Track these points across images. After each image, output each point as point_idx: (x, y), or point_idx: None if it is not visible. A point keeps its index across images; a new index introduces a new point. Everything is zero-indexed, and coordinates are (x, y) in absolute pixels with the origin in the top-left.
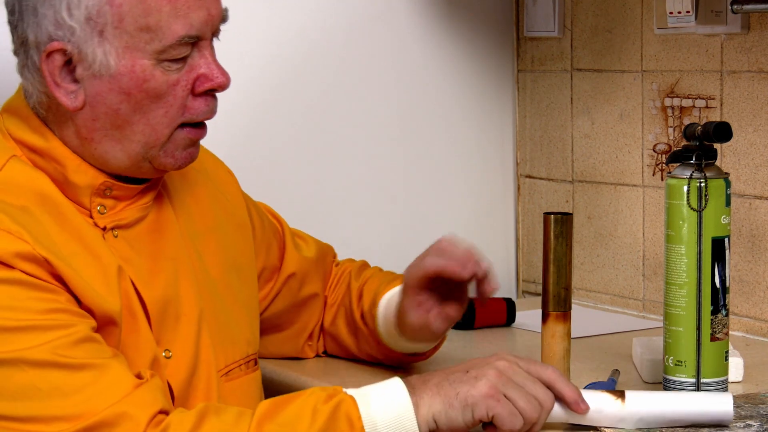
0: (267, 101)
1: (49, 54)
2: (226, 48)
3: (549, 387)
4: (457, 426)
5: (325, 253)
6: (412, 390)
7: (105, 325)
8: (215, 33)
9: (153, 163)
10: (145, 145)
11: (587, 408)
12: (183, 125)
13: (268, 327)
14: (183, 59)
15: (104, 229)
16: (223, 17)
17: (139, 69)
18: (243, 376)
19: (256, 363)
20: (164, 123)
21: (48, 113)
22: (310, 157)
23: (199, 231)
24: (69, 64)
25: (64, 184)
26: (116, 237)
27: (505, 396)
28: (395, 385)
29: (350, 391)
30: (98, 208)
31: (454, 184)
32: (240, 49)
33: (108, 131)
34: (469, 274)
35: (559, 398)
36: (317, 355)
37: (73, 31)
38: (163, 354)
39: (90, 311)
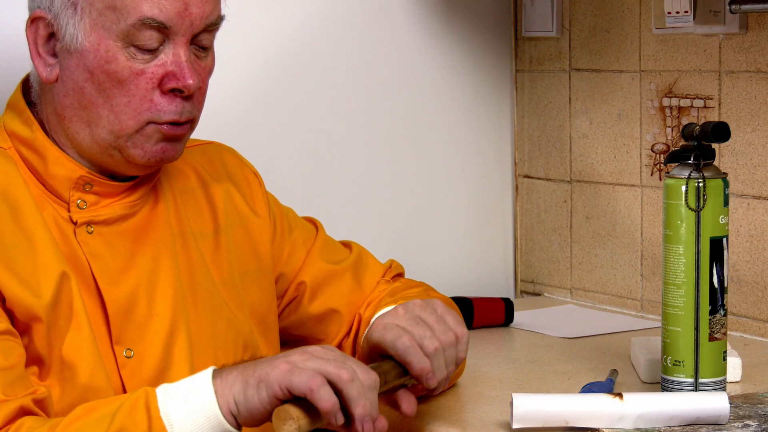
0: (264, 101)
1: (33, 20)
2: (226, 46)
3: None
4: (254, 407)
5: (365, 268)
6: (218, 374)
7: (30, 321)
8: (196, 34)
9: (122, 153)
10: (111, 133)
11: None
12: (152, 123)
13: (289, 339)
14: (153, 51)
15: (75, 224)
16: (211, 22)
17: (104, 48)
18: None
19: None
20: (128, 113)
21: (39, 87)
22: (305, 158)
23: (207, 233)
24: (52, 38)
25: (44, 176)
26: (91, 233)
27: (300, 367)
28: (204, 373)
29: (162, 386)
30: (78, 202)
31: (453, 184)
32: (238, 48)
33: (77, 110)
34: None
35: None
36: None
37: (52, 0)
38: (124, 353)
39: (10, 312)
